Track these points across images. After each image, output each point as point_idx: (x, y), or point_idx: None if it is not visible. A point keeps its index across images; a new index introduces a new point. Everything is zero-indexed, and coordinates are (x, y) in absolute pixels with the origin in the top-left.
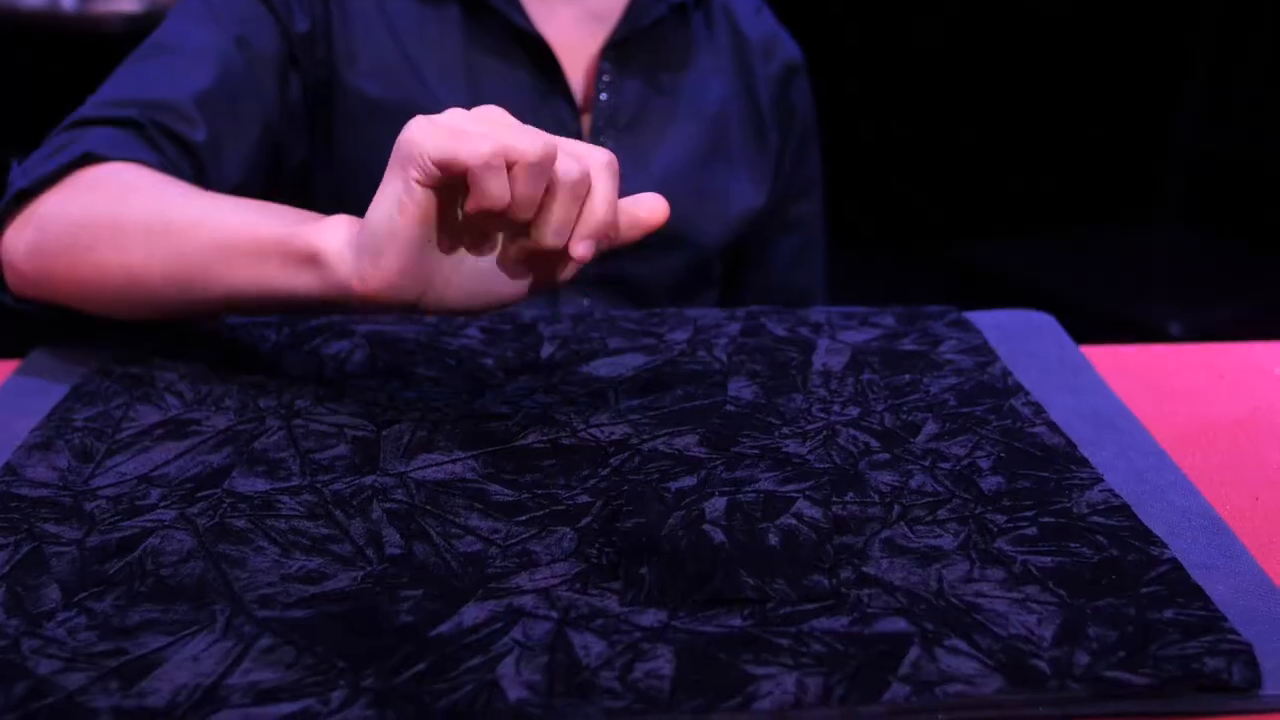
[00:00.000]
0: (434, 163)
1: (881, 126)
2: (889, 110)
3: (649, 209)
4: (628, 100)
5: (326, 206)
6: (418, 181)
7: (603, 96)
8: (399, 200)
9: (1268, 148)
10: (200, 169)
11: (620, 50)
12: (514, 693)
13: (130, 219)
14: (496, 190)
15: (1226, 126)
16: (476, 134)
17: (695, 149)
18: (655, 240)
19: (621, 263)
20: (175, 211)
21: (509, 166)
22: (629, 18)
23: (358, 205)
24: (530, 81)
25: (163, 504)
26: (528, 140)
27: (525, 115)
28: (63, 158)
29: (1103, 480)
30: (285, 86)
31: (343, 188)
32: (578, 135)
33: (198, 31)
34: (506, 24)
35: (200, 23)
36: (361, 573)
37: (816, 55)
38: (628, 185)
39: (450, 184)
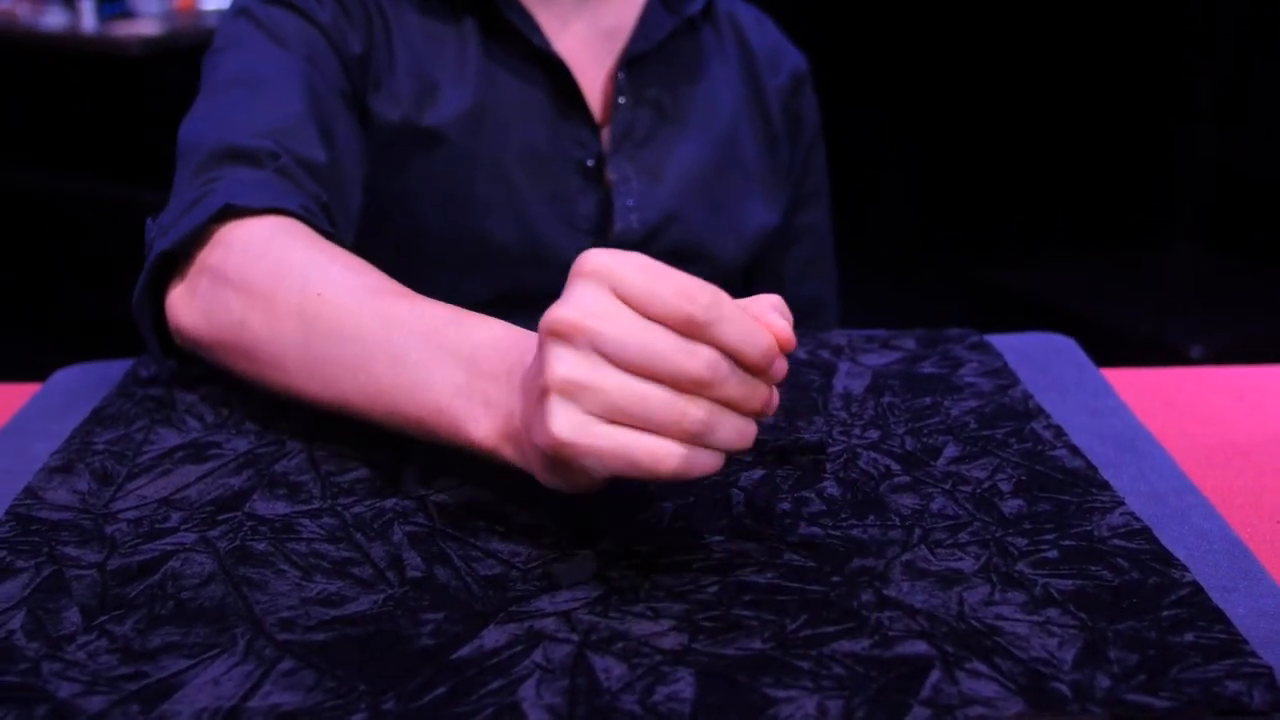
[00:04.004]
0: (610, 478)
1: (903, 149)
2: (910, 133)
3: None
4: (643, 116)
5: (367, 231)
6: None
7: (619, 113)
8: (570, 478)
9: None
10: (331, 195)
11: (634, 66)
12: (535, 716)
13: (285, 335)
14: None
15: (1246, 148)
16: (650, 457)
17: (709, 162)
18: (674, 259)
19: None
20: (326, 339)
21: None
22: (641, 33)
23: (391, 228)
24: (548, 101)
25: (183, 527)
26: (696, 411)
27: (544, 135)
28: (203, 212)
29: (1123, 503)
30: (351, 107)
31: (377, 212)
32: (597, 153)
33: (272, 59)
34: (523, 43)
35: (268, 50)
36: (382, 596)
37: (840, 80)
38: (643, 200)
39: None
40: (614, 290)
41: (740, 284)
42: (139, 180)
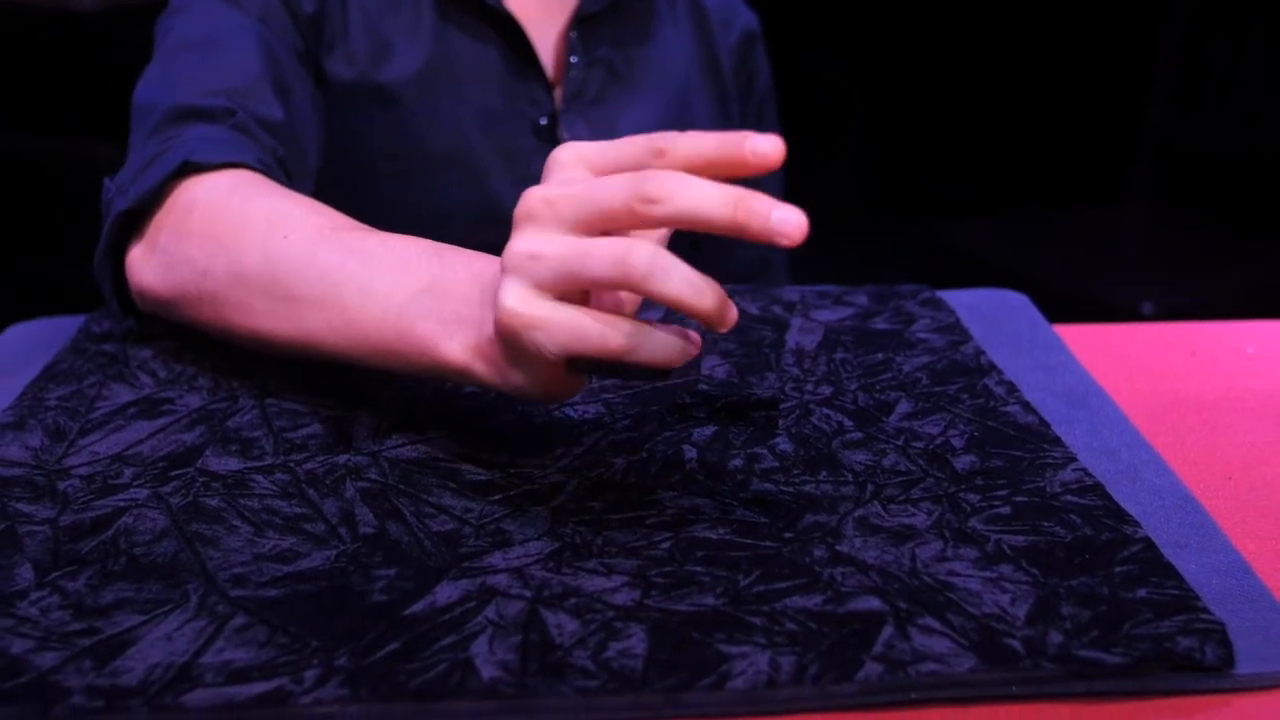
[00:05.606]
0: (563, 356)
1: (856, 105)
2: (864, 89)
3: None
4: (595, 75)
5: (320, 189)
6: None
7: (571, 72)
8: (532, 361)
9: (1240, 129)
10: (288, 151)
11: (586, 25)
12: (487, 672)
13: (251, 277)
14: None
15: (1199, 108)
16: (598, 329)
17: (662, 122)
18: None
19: None
20: (292, 277)
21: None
22: None
23: (345, 188)
24: (502, 59)
25: (136, 483)
26: (640, 251)
27: (498, 93)
28: (161, 169)
29: (1076, 459)
30: (306, 67)
31: (331, 171)
32: (550, 112)
33: (226, 20)
34: (476, 2)
35: (221, 11)
36: (335, 552)
37: (792, 33)
38: None
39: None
40: (582, 161)
41: (688, 244)
42: (96, 137)
